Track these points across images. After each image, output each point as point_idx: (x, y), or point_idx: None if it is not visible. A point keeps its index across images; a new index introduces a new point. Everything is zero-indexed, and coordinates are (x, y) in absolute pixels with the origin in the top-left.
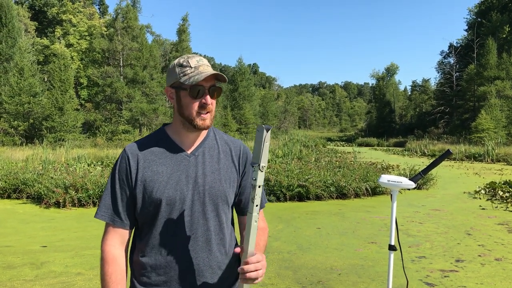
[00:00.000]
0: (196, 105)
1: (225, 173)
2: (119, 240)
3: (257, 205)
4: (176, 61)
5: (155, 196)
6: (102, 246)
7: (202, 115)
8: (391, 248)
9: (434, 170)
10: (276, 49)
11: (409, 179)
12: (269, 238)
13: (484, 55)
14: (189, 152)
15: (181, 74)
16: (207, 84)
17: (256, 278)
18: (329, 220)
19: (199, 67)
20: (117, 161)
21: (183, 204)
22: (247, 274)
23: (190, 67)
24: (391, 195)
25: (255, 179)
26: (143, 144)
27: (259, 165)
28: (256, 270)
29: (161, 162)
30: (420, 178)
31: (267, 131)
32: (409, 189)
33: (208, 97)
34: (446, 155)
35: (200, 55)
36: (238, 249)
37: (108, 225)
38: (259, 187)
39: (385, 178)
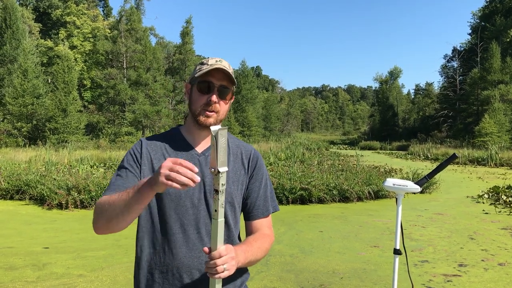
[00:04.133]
0: (202, 100)
1: (233, 175)
2: None
3: (216, 210)
4: (200, 61)
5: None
6: (97, 204)
7: (206, 112)
8: (396, 252)
9: (437, 174)
10: (279, 52)
11: (415, 183)
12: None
13: (487, 59)
14: (199, 151)
15: (198, 71)
16: (218, 83)
17: (218, 273)
18: (332, 224)
19: (214, 65)
20: (131, 147)
21: (188, 201)
22: (209, 270)
23: (208, 64)
24: (396, 199)
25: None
26: (157, 139)
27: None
28: (216, 267)
29: (171, 157)
30: (426, 182)
31: (218, 130)
32: (414, 193)
33: (215, 95)
34: (452, 159)
35: (203, 57)
36: (205, 249)
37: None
38: (216, 192)
39: (390, 182)
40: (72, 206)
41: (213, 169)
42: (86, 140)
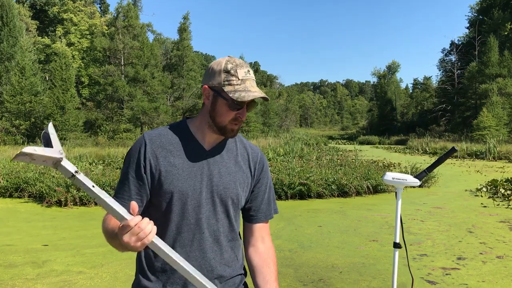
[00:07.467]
0: (231, 115)
1: (240, 177)
2: None
3: (93, 186)
4: (223, 64)
5: (167, 188)
6: (104, 218)
7: (233, 125)
8: (396, 245)
9: (436, 168)
10: (277, 47)
11: (414, 177)
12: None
13: (485, 53)
14: (208, 150)
15: (226, 82)
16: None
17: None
18: (331, 218)
19: (245, 81)
20: (133, 144)
21: (194, 200)
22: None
23: (237, 78)
24: (396, 192)
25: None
26: (163, 133)
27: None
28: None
29: (178, 154)
30: (425, 176)
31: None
32: (413, 187)
33: (245, 111)
34: (451, 152)
35: (201, 54)
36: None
37: None
38: (78, 173)
39: (389, 176)
40: (71, 204)
41: (60, 157)
42: (85, 137)
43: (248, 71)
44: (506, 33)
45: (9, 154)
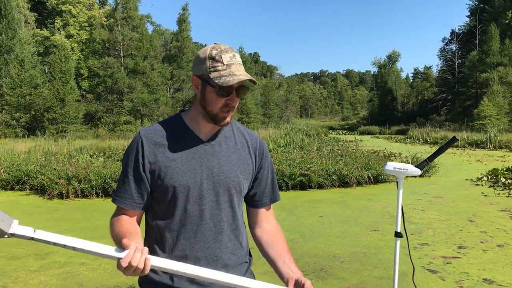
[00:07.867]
0: (221, 102)
1: (241, 164)
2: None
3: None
4: (208, 51)
5: (168, 183)
6: (110, 220)
7: (224, 112)
8: (398, 235)
9: (437, 157)
10: (277, 38)
11: (415, 166)
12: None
13: (486, 42)
14: (205, 140)
15: (211, 69)
16: (236, 84)
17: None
18: (331, 209)
19: (231, 65)
20: (130, 143)
21: (196, 192)
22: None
23: (222, 63)
24: (397, 182)
25: None
26: (158, 129)
27: None
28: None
29: (176, 148)
30: (426, 165)
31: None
32: (414, 176)
33: (234, 97)
34: (452, 142)
35: (201, 45)
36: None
37: (119, 208)
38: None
39: (391, 166)
40: (73, 196)
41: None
42: (85, 129)
43: (234, 55)
44: (507, 21)
45: (10, 147)
